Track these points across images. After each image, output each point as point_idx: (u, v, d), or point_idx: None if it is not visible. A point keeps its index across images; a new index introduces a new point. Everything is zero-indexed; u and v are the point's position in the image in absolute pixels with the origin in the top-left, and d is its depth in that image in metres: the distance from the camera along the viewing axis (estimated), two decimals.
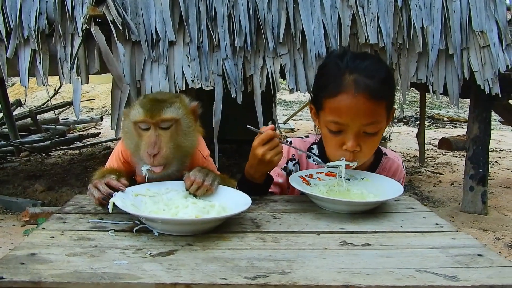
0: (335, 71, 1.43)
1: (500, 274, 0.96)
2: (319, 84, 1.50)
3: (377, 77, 1.39)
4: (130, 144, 1.44)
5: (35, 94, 13.14)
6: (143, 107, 1.38)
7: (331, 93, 1.40)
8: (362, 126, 1.39)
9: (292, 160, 1.66)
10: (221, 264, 0.99)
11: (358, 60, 1.44)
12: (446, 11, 3.72)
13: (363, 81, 1.37)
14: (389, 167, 1.66)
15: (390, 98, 1.46)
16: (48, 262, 0.98)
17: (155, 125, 1.37)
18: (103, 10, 3.21)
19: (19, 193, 4.84)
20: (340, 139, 1.43)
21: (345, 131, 1.41)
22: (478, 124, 4.18)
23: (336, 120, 1.40)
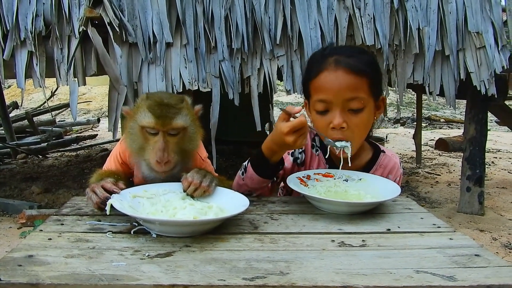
0: (319, 57, 1.51)
1: (497, 274, 0.97)
2: (306, 73, 1.57)
3: (356, 57, 1.48)
4: (133, 145, 1.44)
5: (31, 96, 13.11)
6: (152, 112, 1.37)
7: (314, 74, 1.48)
8: (345, 101, 1.44)
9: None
10: (219, 265, 0.99)
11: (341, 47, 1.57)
12: (442, 13, 3.73)
13: (343, 59, 1.46)
14: (386, 164, 1.67)
15: (373, 78, 1.50)
16: (46, 264, 0.98)
17: (164, 132, 1.37)
18: (100, 12, 3.20)
19: (16, 195, 4.83)
20: (327, 119, 1.47)
21: (331, 110, 1.46)
22: (474, 125, 4.19)
23: (320, 97, 1.46)
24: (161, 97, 1.42)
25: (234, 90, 3.47)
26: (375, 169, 1.65)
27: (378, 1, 3.63)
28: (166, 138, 1.37)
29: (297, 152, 1.66)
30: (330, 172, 1.59)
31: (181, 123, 1.39)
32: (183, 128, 1.40)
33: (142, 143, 1.40)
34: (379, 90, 1.56)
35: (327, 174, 1.59)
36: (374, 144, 1.71)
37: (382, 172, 1.65)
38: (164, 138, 1.37)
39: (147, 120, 1.37)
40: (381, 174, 1.63)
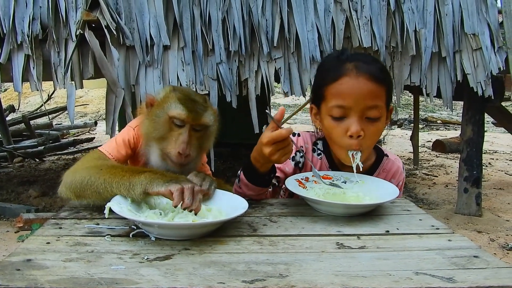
0: (335, 63, 1.48)
1: (496, 275, 0.97)
2: (320, 78, 1.52)
3: (376, 64, 1.46)
4: (154, 133, 1.43)
5: (28, 99, 13.08)
6: (184, 104, 1.39)
7: (332, 79, 1.43)
8: (365, 109, 1.40)
9: (300, 151, 1.64)
10: (218, 268, 0.99)
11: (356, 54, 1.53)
12: (438, 14, 3.75)
13: (364, 65, 1.42)
14: (389, 168, 1.67)
15: (389, 88, 1.49)
16: (44, 268, 0.97)
17: (191, 126, 1.40)
18: (97, 15, 3.21)
19: (13, 199, 4.81)
20: (344, 126, 1.42)
21: (349, 116, 1.42)
22: (471, 126, 4.21)
23: (339, 103, 1.41)
24: (189, 92, 1.47)
25: (232, 93, 3.47)
26: (378, 172, 1.64)
27: (374, 3, 3.65)
28: (191, 133, 1.40)
29: (298, 156, 1.64)
30: (328, 174, 1.59)
31: (208, 120, 1.44)
32: (207, 126, 1.45)
33: (164, 133, 1.41)
34: (391, 99, 1.54)
35: (325, 176, 1.59)
36: (377, 148, 1.70)
37: (385, 176, 1.64)
38: (190, 132, 1.40)
39: (179, 112, 1.39)
40: (384, 178, 1.62)
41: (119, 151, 1.50)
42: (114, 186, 1.24)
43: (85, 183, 1.30)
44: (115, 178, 1.25)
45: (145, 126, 1.47)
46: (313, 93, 1.58)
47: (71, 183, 1.34)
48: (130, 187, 1.22)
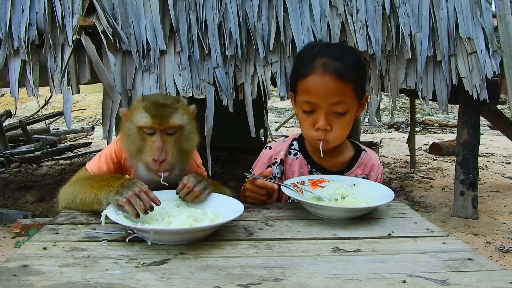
0: (308, 56, 1.55)
1: (489, 278, 0.98)
2: (294, 70, 1.61)
3: (344, 61, 1.51)
4: (130, 146, 1.43)
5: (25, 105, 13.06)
6: (148, 112, 1.37)
7: (302, 75, 1.52)
8: (331, 105, 1.49)
9: (274, 164, 1.70)
10: (214, 272, 0.99)
11: (329, 47, 1.61)
12: (433, 19, 3.77)
13: (331, 63, 1.49)
14: (367, 162, 1.72)
15: (358, 81, 1.56)
16: (41, 273, 0.98)
17: (161, 131, 1.38)
18: (94, 21, 3.21)
19: (10, 205, 4.80)
20: (313, 119, 1.53)
21: (317, 111, 1.51)
22: (467, 130, 4.23)
23: (307, 99, 1.51)
24: (157, 98, 1.43)
25: (228, 97, 3.48)
26: (357, 166, 1.69)
27: (370, 7, 3.67)
28: (164, 137, 1.38)
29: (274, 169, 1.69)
30: (324, 178, 1.60)
31: (178, 121, 1.40)
32: (180, 127, 1.41)
33: (139, 144, 1.40)
34: (363, 90, 1.61)
35: (322, 179, 1.60)
36: (355, 143, 1.77)
37: (364, 169, 1.70)
38: (162, 137, 1.37)
39: (144, 120, 1.37)
40: (363, 171, 1.69)
41: (101, 167, 1.55)
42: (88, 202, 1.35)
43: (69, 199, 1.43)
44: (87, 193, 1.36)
45: (123, 141, 1.47)
46: (290, 81, 1.67)
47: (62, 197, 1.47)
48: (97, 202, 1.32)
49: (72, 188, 1.44)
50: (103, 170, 1.54)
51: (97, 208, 1.32)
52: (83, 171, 1.57)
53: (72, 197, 1.42)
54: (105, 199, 1.29)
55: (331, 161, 1.66)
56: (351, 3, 3.65)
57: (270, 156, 1.72)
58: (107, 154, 1.57)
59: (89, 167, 1.56)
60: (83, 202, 1.37)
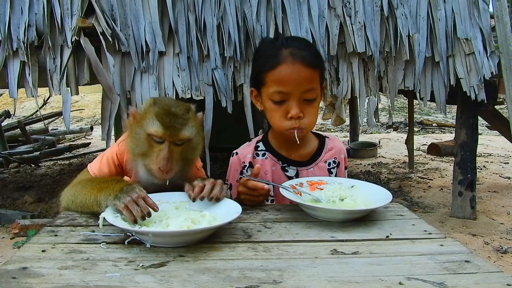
0: (271, 49, 1.60)
1: (487, 280, 0.99)
2: (259, 64, 1.64)
3: (309, 49, 1.59)
4: (136, 150, 1.44)
5: (23, 105, 13.05)
6: (160, 121, 1.38)
7: (271, 66, 1.55)
8: (302, 92, 1.54)
9: (244, 167, 1.74)
10: (213, 275, 1.00)
11: (290, 39, 1.66)
12: (431, 20, 3.78)
13: (298, 52, 1.54)
14: (334, 145, 1.78)
15: (322, 69, 1.64)
16: (40, 275, 0.98)
17: (170, 141, 1.39)
18: (93, 22, 3.22)
19: (8, 205, 4.79)
20: (284, 109, 1.55)
21: (288, 100, 1.55)
22: (465, 130, 4.24)
23: (279, 89, 1.54)
24: (169, 105, 1.43)
25: (227, 98, 3.49)
26: (325, 152, 1.75)
27: (368, 9, 3.68)
28: (171, 148, 1.39)
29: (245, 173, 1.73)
30: (322, 180, 1.61)
31: (188, 134, 1.41)
32: (189, 139, 1.43)
33: (146, 149, 1.41)
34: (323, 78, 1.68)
35: (319, 181, 1.61)
36: (316, 133, 1.83)
37: (334, 153, 1.76)
38: (169, 148, 1.38)
39: (155, 129, 1.38)
40: (332, 155, 1.75)
41: (102, 170, 1.56)
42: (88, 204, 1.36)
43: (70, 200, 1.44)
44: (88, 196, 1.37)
45: (128, 143, 1.47)
46: (252, 78, 1.69)
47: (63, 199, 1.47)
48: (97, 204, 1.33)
49: (73, 190, 1.45)
50: (104, 172, 1.55)
51: (96, 210, 1.33)
52: (85, 172, 1.58)
53: (72, 199, 1.43)
54: (104, 201, 1.30)
55: (299, 153, 1.72)
56: (349, 4, 3.65)
57: (238, 161, 1.76)
58: (109, 157, 1.58)
59: (91, 169, 1.57)
60: (83, 203, 1.38)
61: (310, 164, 1.71)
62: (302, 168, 1.71)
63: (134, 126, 1.45)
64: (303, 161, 1.71)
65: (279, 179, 1.67)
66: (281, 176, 1.69)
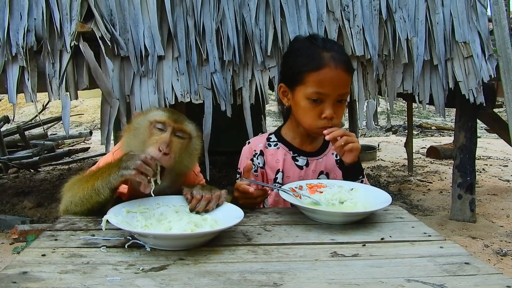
0: (312, 49, 1.64)
1: (486, 282, 0.99)
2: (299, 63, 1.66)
3: (345, 54, 1.69)
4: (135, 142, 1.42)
5: (22, 110, 13.05)
6: (165, 111, 1.44)
7: (314, 68, 1.59)
8: (339, 95, 1.61)
9: (255, 155, 1.76)
10: (213, 278, 1.00)
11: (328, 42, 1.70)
12: (429, 23, 3.80)
13: (339, 57, 1.61)
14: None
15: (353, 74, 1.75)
16: (40, 280, 0.98)
17: (173, 130, 1.40)
18: (92, 27, 3.22)
19: (8, 210, 4.79)
20: (319, 109, 1.61)
21: (324, 101, 1.60)
22: (464, 133, 4.25)
23: (319, 90, 1.59)
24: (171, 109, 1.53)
25: (226, 102, 3.49)
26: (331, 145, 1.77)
27: (367, 12, 3.69)
28: (173, 137, 1.39)
29: (256, 161, 1.76)
30: (322, 183, 1.61)
31: (190, 129, 1.46)
32: (190, 136, 1.45)
33: (145, 138, 1.40)
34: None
35: (319, 184, 1.61)
36: None
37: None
38: (171, 135, 1.38)
39: (160, 115, 1.42)
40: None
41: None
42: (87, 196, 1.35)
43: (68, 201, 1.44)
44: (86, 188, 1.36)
45: (126, 140, 1.47)
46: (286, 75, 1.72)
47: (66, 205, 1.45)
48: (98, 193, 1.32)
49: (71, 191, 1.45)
50: None
51: (96, 200, 1.33)
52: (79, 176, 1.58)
53: (71, 199, 1.42)
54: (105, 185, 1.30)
55: (311, 145, 1.77)
56: (348, 8, 3.67)
57: (250, 150, 1.79)
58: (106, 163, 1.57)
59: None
60: (81, 199, 1.37)
61: (320, 155, 1.77)
62: (312, 158, 1.76)
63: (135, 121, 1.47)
64: (313, 152, 1.77)
65: (290, 168, 1.73)
66: (292, 165, 1.74)
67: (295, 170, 1.73)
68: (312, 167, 1.74)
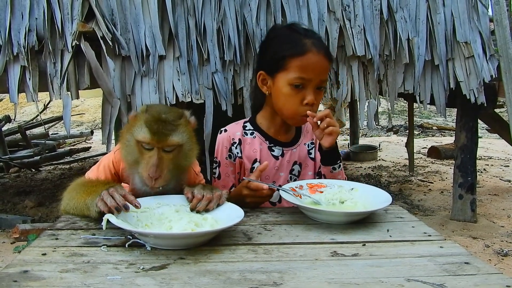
0: (294, 36, 1.66)
1: (486, 282, 0.99)
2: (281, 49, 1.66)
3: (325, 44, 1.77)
4: (129, 157, 1.44)
5: (23, 109, 13.06)
6: (148, 127, 1.36)
7: (298, 52, 1.61)
8: (320, 81, 1.64)
9: (233, 144, 1.77)
10: (213, 277, 1.00)
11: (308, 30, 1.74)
12: (431, 23, 3.79)
13: (320, 44, 1.66)
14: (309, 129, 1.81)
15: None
16: (41, 279, 0.99)
17: (159, 148, 1.38)
18: (93, 26, 3.22)
19: (9, 210, 4.79)
20: (301, 95, 1.63)
21: (305, 87, 1.62)
22: (465, 133, 4.24)
23: (302, 75, 1.61)
24: (160, 111, 1.41)
25: (227, 102, 3.49)
26: (303, 135, 1.83)
27: (368, 12, 3.69)
28: (161, 154, 1.37)
29: (234, 150, 1.76)
30: (322, 183, 1.62)
31: (177, 140, 1.39)
32: (179, 145, 1.41)
33: (136, 157, 1.41)
34: None
35: (319, 184, 1.61)
36: None
37: (311, 134, 1.82)
38: (159, 154, 1.37)
39: (143, 135, 1.37)
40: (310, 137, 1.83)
41: (99, 177, 1.56)
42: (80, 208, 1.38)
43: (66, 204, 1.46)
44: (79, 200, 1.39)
45: (122, 151, 1.47)
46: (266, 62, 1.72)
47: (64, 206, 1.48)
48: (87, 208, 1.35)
49: (69, 194, 1.47)
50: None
51: (87, 214, 1.35)
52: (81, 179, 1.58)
53: (68, 202, 1.45)
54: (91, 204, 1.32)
55: (285, 135, 1.79)
56: (349, 8, 3.67)
57: (228, 138, 1.78)
58: (105, 165, 1.59)
59: (88, 177, 1.59)
60: (75, 207, 1.41)
61: (293, 145, 1.79)
62: (287, 148, 1.78)
63: (125, 133, 1.45)
64: (288, 142, 1.79)
65: (266, 158, 1.74)
66: (268, 155, 1.76)
67: (271, 160, 1.74)
68: (287, 157, 1.77)
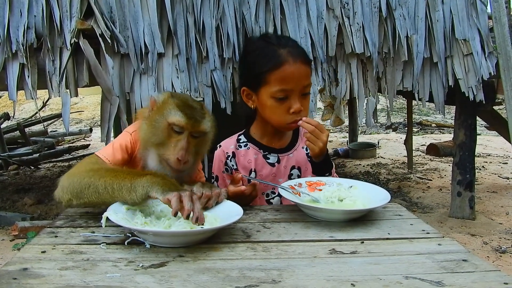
0: (269, 48, 1.65)
1: (484, 279, 0.99)
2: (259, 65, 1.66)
3: (300, 47, 1.70)
4: (152, 138, 1.45)
5: (22, 107, 13.05)
6: (183, 111, 1.42)
7: (274, 66, 1.60)
8: (303, 88, 1.63)
9: (228, 158, 1.79)
10: (212, 274, 1.01)
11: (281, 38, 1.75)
12: (429, 21, 3.80)
13: (295, 51, 1.64)
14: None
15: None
16: (40, 276, 0.99)
17: (190, 133, 1.43)
18: (92, 24, 3.22)
19: (8, 207, 4.80)
20: (286, 105, 1.62)
21: (290, 97, 1.62)
22: (463, 131, 4.25)
23: (283, 88, 1.60)
24: (187, 99, 1.50)
25: (226, 99, 3.49)
26: (301, 138, 1.82)
27: (366, 10, 3.69)
28: (189, 139, 1.43)
29: (229, 163, 1.78)
30: (321, 181, 1.62)
31: (206, 127, 1.47)
32: (205, 133, 1.48)
33: (163, 139, 1.44)
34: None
35: (318, 182, 1.61)
36: None
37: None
38: (188, 139, 1.42)
39: (178, 118, 1.42)
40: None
41: (115, 156, 1.51)
42: (116, 188, 1.26)
43: (84, 184, 1.31)
44: (116, 180, 1.28)
45: (144, 131, 1.48)
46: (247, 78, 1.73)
47: (69, 185, 1.35)
48: (132, 189, 1.25)
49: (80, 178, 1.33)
50: (118, 159, 1.50)
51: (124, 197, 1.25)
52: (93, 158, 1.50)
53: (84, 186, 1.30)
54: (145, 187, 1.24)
55: (280, 141, 1.80)
56: (347, 5, 3.67)
57: (222, 153, 1.81)
58: (122, 144, 1.53)
59: (102, 155, 1.50)
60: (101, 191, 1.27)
61: (289, 150, 1.79)
62: (282, 154, 1.78)
63: (152, 115, 1.47)
64: (283, 148, 1.79)
65: (262, 166, 1.75)
66: (264, 163, 1.76)
67: (267, 167, 1.75)
68: (283, 163, 1.77)
